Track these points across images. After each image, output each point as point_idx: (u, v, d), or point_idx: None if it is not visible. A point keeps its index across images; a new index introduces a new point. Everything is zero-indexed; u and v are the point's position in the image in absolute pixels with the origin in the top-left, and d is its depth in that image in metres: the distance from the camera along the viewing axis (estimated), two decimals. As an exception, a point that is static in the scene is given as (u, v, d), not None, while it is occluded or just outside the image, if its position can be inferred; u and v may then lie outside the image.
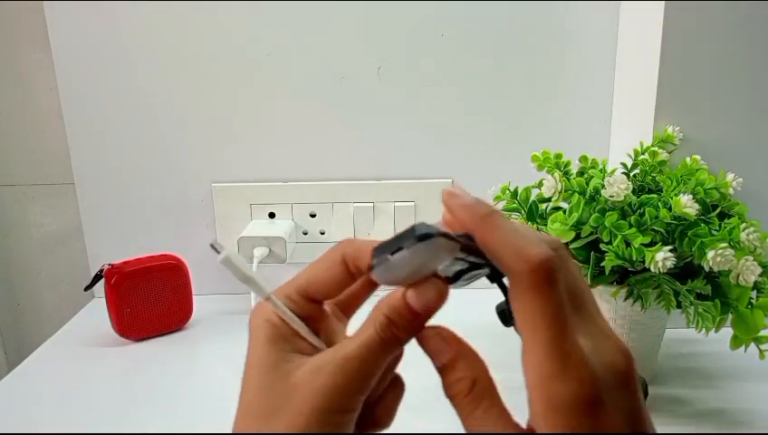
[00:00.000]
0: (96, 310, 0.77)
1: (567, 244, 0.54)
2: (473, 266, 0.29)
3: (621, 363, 0.26)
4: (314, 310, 0.31)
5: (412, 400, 0.36)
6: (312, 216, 0.80)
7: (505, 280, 0.28)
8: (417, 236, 0.26)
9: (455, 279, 0.30)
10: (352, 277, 0.30)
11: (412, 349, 0.30)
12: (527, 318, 0.25)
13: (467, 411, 0.28)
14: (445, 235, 0.27)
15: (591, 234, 0.53)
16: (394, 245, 0.27)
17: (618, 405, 0.25)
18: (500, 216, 0.28)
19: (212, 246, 0.29)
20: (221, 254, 0.28)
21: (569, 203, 0.55)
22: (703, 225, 0.51)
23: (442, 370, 0.28)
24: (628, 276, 0.54)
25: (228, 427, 0.29)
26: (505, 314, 0.29)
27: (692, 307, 0.52)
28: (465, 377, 0.28)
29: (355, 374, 0.27)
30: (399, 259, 0.27)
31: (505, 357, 0.35)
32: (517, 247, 0.26)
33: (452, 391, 0.28)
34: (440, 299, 0.28)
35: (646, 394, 0.33)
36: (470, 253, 0.28)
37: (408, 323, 0.28)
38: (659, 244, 0.50)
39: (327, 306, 0.31)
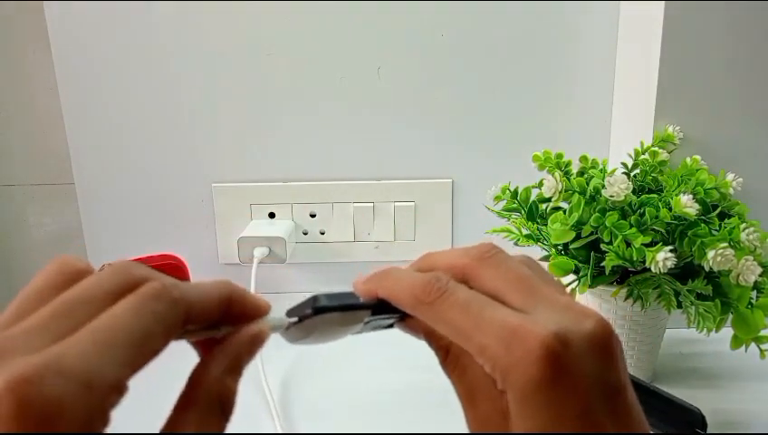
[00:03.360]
0: (96, 310, 0.77)
1: (567, 244, 0.54)
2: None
3: None
4: None
5: (413, 399, 0.36)
6: (312, 216, 0.80)
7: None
8: (314, 309, 0.27)
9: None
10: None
11: (412, 351, 0.30)
12: None
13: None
14: (345, 307, 0.27)
15: (592, 234, 0.53)
16: (295, 312, 0.27)
17: None
18: (459, 289, 0.25)
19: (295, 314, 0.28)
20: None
21: (569, 203, 0.55)
22: (703, 225, 0.51)
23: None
24: (629, 276, 0.54)
25: (229, 427, 0.29)
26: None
27: (692, 307, 0.52)
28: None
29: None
30: (294, 331, 0.27)
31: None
32: (505, 327, 0.23)
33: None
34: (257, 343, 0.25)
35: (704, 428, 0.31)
36: (383, 311, 0.27)
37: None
38: (660, 244, 0.50)
39: None
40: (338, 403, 0.58)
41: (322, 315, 0.27)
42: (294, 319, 0.27)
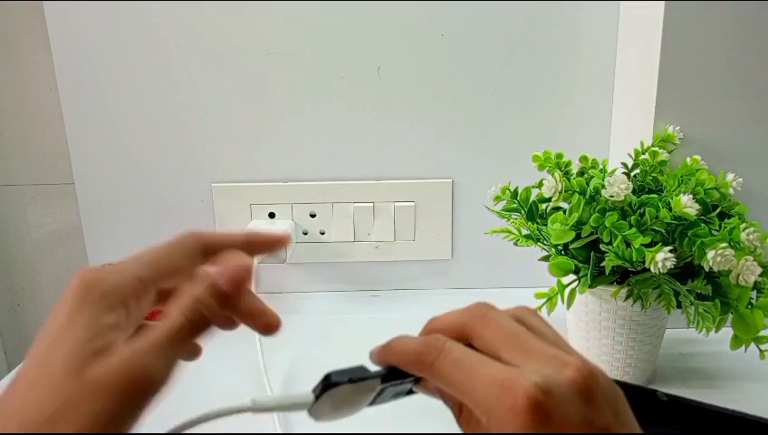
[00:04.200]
0: (96, 310, 0.77)
1: (567, 244, 0.54)
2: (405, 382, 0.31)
3: None
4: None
5: (412, 399, 0.36)
6: (312, 216, 0.80)
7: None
8: (324, 385, 0.30)
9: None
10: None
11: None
12: None
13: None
14: (355, 379, 0.30)
15: (591, 234, 0.53)
16: (314, 391, 0.31)
17: None
18: (455, 348, 0.28)
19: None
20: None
21: (569, 203, 0.55)
22: (703, 225, 0.51)
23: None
24: (628, 276, 0.54)
25: (228, 427, 0.29)
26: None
27: (692, 307, 0.52)
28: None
29: (160, 360, 0.27)
30: (317, 409, 0.31)
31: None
32: (494, 382, 0.25)
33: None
34: (244, 271, 0.30)
35: None
36: (395, 377, 0.30)
37: (217, 301, 0.30)
38: (659, 244, 0.50)
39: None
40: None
41: (336, 389, 0.30)
42: (313, 397, 0.31)
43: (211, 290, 0.29)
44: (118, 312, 0.28)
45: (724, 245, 0.49)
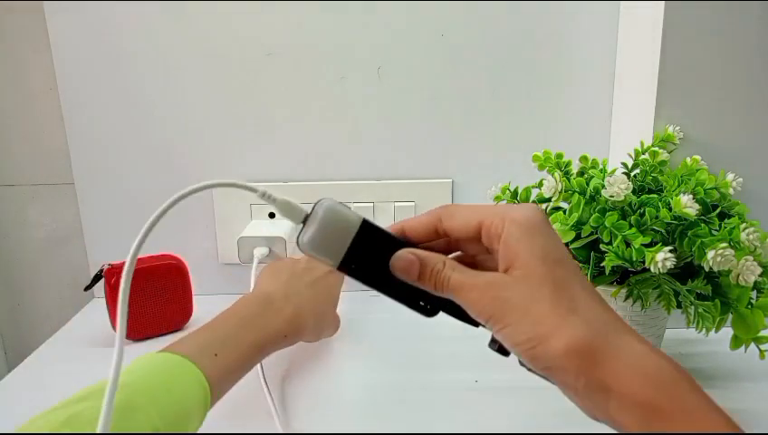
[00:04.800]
0: (96, 310, 0.77)
1: (567, 244, 0.54)
2: None
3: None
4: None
5: (412, 399, 0.36)
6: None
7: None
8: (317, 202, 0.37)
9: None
10: (437, 234, 0.36)
11: (411, 349, 0.30)
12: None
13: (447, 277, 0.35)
14: (342, 203, 0.36)
15: (591, 234, 0.53)
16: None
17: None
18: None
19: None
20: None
21: (569, 203, 0.55)
22: (703, 225, 0.51)
23: (421, 278, 0.35)
24: (629, 276, 0.54)
25: (228, 427, 0.29)
26: (503, 349, 0.34)
27: (692, 307, 0.52)
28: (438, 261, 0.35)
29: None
30: (308, 223, 0.36)
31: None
32: (498, 206, 0.35)
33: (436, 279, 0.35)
34: None
35: None
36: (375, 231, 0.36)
37: None
38: (659, 244, 0.50)
39: None
40: (336, 401, 0.58)
41: (326, 203, 0.36)
42: (308, 210, 0.37)
43: None
44: None
45: (724, 245, 0.49)
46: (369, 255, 0.36)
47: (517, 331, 0.32)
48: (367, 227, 0.36)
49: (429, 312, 0.37)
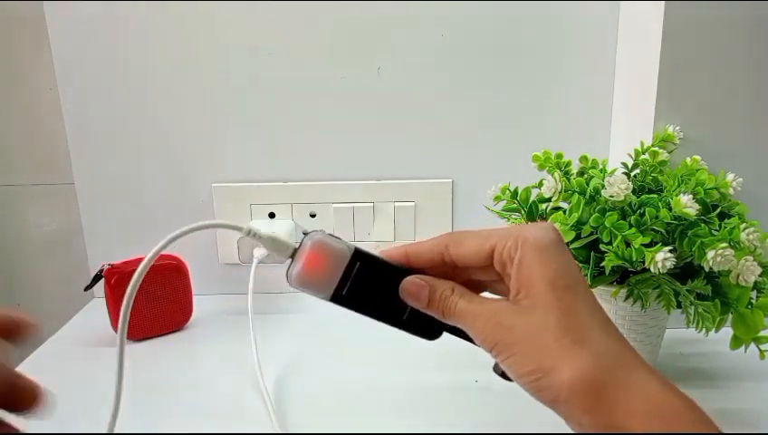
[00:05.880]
0: (96, 310, 0.77)
1: (567, 244, 0.54)
2: None
3: None
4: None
5: (412, 399, 0.36)
6: (312, 216, 0.80)
7: None
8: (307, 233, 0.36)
9: None
10: (444, 263, 0.35)
11: (409, 349, 0.30)
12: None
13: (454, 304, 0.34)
14: (332, 235, 0.36)
15: (591, 234, 0.53)
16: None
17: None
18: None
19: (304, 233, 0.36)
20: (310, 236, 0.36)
21: (569, 203, 0.55)
22: (703, 225, 0.51)
23: (430, 304, 0.35)
24: (629, 276, 0.54)
25: (228, 426, 0.29)
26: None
27: (692, 307, 0.52)
28: (446, 288, 0.35)
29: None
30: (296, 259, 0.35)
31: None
32: (512, 228, 0.34)
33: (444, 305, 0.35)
34: None
35: None
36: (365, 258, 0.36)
37: None
38: (659, 244, 0.50)
39: None
40: (335, 402, 0.58)
41: (316, 235, 0.35)
42: (295, 246, 0.36)
43: None
44: None
45: (724, 245, 0.49)
46: (364, 284, 0.36)
47: (521, 361, 0.31)
48: (360, 257, 0.36)
49: (431, 335, 0.37)
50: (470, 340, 0.35)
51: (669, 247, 0.49)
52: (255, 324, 0.64)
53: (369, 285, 0.36)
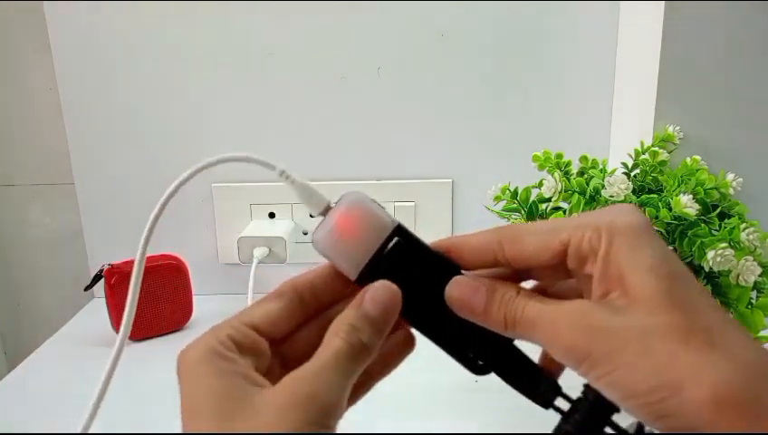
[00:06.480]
0: (96, 310, 0.77)
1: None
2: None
3: None
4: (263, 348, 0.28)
5: (411, 398, 0.36)
6: (312, 216, 0.80)
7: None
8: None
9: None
10: (495, 262, 0.28)
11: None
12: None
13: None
14: (375, 201, 0.29)
15: (591, 234, 0.52)
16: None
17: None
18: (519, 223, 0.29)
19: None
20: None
21: (569, 203, 0.55)
22: (703, 225, 0.51)
23: (487, 313, 0.27)
24: (629, 276, 0.54)
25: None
26: (601, 402, 0.26)
27: (692, 307, 0.52)
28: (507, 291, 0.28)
29: (333, 383, 0.25)
30: (328, 217, 0.30)
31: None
32: (588, 216, 0.27)
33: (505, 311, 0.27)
34: (393, 299, 0.27)
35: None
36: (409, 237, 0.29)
37: (370, 327, 0.27)
38: (659, 244, 0.50)
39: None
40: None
41: (355, 195, 0.29)
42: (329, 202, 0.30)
43: (363, 315, 0.27)
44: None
45: (724, 245, 0.49)
46: (400, 272, 0.28)
47: (632, 377, 0.23)
48: (402, 234, 0.28)
49: (480, 368, 0.29)
50: (524, 385, 0.28)
51: (669, 247, 0.49)
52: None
53: (408, 276, 0.28)
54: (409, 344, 0.30)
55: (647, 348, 0.22)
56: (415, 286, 0.28)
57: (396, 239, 0.28)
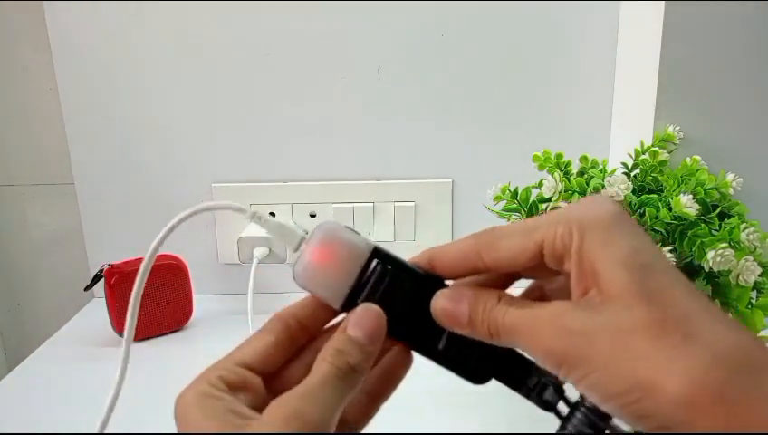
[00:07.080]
0: (96, 310, 0.77)
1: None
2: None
3: None
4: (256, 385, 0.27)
5: (410, 398, 0.36)
6: (312, 216, 0.80)
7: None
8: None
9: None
10: (475, 270, 0.27)
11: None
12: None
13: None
14: (349, 228, 0.29)
15: (591, 234, 0.52)
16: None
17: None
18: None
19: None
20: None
21: (569, 203, 0.55)
22: (703, 225, 0.51)
23: (472, 323, 0.27)
24: (629, 276, 0.54)
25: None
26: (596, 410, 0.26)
27: (692, 307, 0.52)
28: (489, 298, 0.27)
29: (318, 400, 0.25)
30: (304, 250, 0.29)
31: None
32: (558, 211, 0.26)
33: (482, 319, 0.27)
34: (376, 319, 0.27)
35: None
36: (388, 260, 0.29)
37: (357, 350, 0.27)
38: (659, 244, 0.50)
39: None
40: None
41: (328, 225, 0.29)
42: (303, 233, 0.31)
43: (348, 339, 0.27)
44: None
45: (724, 245, 0.48)
46: (384, 294, 0.28)
47: (608, 378, 0.22)
48: (379, 257, 0.28)
49: (478, 377, 0.29)
50: (531, 392, 0.28)
51: (669, 247, 0.49)
52: (255, 324, 0.64)
53: (393, 297, 0.28)
54: (407, 360, 0.31)
55: (621, 347, 0.22)
56: (401, 305, 0.28)
57: (375, 262, 0.28)
